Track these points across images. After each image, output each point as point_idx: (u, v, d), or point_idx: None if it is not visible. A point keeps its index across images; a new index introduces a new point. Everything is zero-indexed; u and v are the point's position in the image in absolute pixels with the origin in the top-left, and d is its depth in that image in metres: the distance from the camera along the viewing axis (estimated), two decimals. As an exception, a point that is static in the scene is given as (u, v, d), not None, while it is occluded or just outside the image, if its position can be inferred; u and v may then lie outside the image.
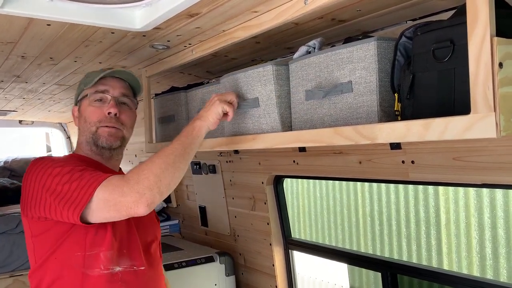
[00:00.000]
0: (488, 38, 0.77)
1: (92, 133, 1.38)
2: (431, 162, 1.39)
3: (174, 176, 1.21)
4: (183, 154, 1.24)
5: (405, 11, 1.23)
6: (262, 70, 1.33)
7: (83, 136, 1.41)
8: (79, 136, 1.43)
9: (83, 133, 1.41)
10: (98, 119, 1.37)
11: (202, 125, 1.31)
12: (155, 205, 1.16)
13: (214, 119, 1.32)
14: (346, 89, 1.12)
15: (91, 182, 1.16)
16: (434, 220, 3.66)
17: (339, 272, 4.52)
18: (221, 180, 2.48)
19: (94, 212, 1.16)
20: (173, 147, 1.24)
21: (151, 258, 1.42)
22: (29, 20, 1.29)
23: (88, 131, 1.39)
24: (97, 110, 1.38)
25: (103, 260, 1.26)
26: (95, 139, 1.38)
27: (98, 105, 1.38)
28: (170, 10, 1.24)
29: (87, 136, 1.39)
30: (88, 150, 1.41)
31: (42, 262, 1.27)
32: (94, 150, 1.40)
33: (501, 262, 3.24)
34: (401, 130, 0.93)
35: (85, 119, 1.39)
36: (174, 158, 1.21)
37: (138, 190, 1.13)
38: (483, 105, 0.79)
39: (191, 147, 1.28)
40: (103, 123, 1.37)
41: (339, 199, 4.55)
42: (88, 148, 1.41)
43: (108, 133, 1.37)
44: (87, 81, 1.42)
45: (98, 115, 1.37)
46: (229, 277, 2.36)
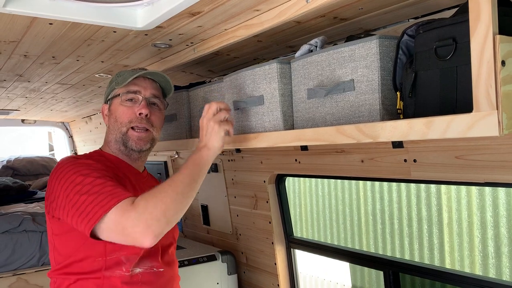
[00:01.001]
0: (491, 36, 0.77)
1: (122, 134, 1.39)
2: (433, 161, 1.39)
3: (182, 206, 1.20)
4: (191, 183, 1.23)
5: (407, 9, 1.23)
6: (268, 68, 1.33)
7: (112, 134, 1.42)
8: (108, 134, 1.44)
9: (112, 131, 1.42)
10: (129, 119, 1.38)
11: (209, 154, 1.30)
12: (162, 235, 1.14)
13: (220, 143, 1.31)
14: (348, 87, 1.12)
15: (108, 200, 1.14)
16: (436, 219, 3.65)
17: (341, 271, 4.52)
18: (223, 179, 2.48)
19: (104, 231, 1.15)
20: (182, 176, 1.22)
21: (169, 260, 1.44)
22: (31, 19, 1.29)
23: (118, 131, 1.39)
24: (128, 110, 1.39)
25: (124, 263, 1.27)
26: (125, 140, 1.39)
27: (129, 105, 1.39)
28: (172, 9, 1.24)
29: (116, 135, 1.40)
30: (116, 149, 1.42)
31: (64, 265, 1.28)
32: (123, 150, 1.41)
33: (503, 260, 3.23)
34: (403, 129, 0.93)
35: (116, 118, 1.40)
36: (183, 187, 1.20)
37: (145, 219, 1.11)
38: (485, 103, 0.78)
39: (199, 176, 1.26)
40: (133, 123, 1.38)
41: (341, 198, 4.55)
42: (116, 147, 1.42)
43: (138, 137, 1.39)
44: (119, 80, 1.42)
45: (129, 115, 1.38)
46: (231, 275, 2.36)
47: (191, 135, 1.81)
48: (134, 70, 1.46)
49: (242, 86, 1.44)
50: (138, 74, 1.40)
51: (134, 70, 1.46)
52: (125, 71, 1.47)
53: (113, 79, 1.49)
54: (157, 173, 3.15)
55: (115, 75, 1.48)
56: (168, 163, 3.04)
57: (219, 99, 1.63)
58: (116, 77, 1.47)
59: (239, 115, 1.47)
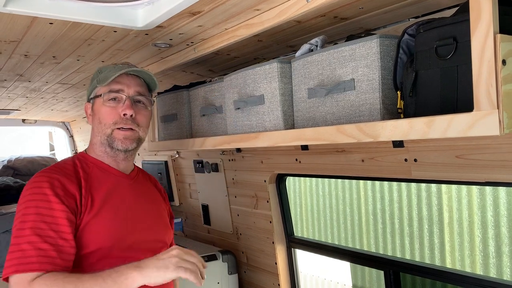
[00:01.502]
0: (492, 35, 0.77)
1: (107, 135, 1.33)
2: (434, 160, 1.38)
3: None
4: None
5: (407, 8, 1.23)
6: (268, 67, 1.33)
7: (97, 136, 1.36)
8: (93, 136, 1.39)
9: (97, 133, 1.36)
10: (113, 121, 1.32)
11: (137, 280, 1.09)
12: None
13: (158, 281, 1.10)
14: (349, 87, 1.12)
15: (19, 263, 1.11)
16: (437, 219, 3.65)
17: (342, 270, 4.52)
18: (224, 179, 2.48)
19: None
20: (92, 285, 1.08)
21: None
22: (31, 19, 1.29)
23: (103, 133, 1.34)
24: (112, 111, 1.32)
25: None
26: (110, 141, 1.34)
27: (112, 105, 1.33)
28: (172, 9, 1.24)
29: (101, 137, 1.35)
30: (101, 151, 1.37)
31: None
32: (109, 152, 1.36)
33: (504, 260, 3.23)
34: (404, 128, 0.93)
35: (100, 120, 1.34)
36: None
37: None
38: (486, 102, 0.78)
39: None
40: (118, 124, 1.32)
41: (341, 197, 4.55)
42: (102, 150, 1.37)
43: (124, 136, 1.33)
44: (100, 78, 1.35)
45: (113, 116, 1.32)
46: (232, 275, 2.36)
47: (191, 135, 1.81)
48: (116, 65, 1.39)
49: (242, 86, 1.44)
50: (120, 73, 1.32)
51: (116, 65, 1.39)
52: (107, 66, 1.40)
53: (94, 75, 1.41)
54: (158, 172, 3.15)
55: (96, 71, 1.41)
56: (169, 163, 3.04)
57: (219, 98, 1.63)
58: (97, 73, 1.39)
59: (240, 115, 1.47)
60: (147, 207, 1.42)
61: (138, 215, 1.37)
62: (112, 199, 1.32)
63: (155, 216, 1.44)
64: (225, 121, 1.60)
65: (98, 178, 1.34)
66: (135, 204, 1.38)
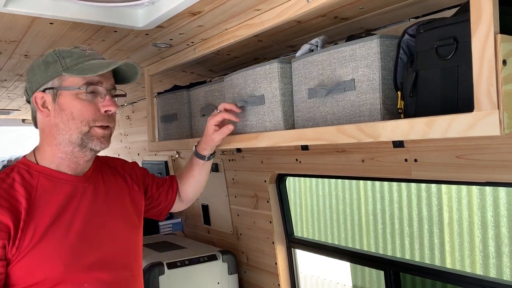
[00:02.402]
0: (492, 35, 0.77)
1: (83, 134, 1.14)
2: (434, 160, 1.38)
3: None
4: None
5: (408, 8, 1.23)
6: (269, 68, 1.33)
7: (64, 135, 1.14)
8: (56, 134, 1.15)
9: (65, 132, 1.14)
10: (92, 117, 1.14)
11: None
12: None
13: None
14: (349, 87, 1.12)
15: None
16: (437, 219, 3.65)
17: (342, 271, 4.52)
18: (224, 179, 2.48)
19: None
20: None
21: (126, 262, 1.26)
22: (32, 19, 1.29)
23: (77, 131, 1.14)
24: (90, 106, 1.14)
25: None
26: (86, 140, 1.15)
27: (89, 99, 1.14)
28: (172, 9, 1.24)
29: (72, 136, 1.14)
30: (62, 152, 1.16)
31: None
32: (75, 152, 1.17)
33: (504, 260, 3.23)
34: (404, 128, 0.93)
35: (73, 115, 1.13)
36: None
37: None
38: (486, 102, 0.78)
39: None
40: (98, 122, 1.15)
41: (341, 197, 4.55)
42: (64, 151, 1.16)
43: (103, 134, 1.17)
44: (68, 64, 1.13)
45: (93, 112, 1.14)
46: (232, 275, 2.36)
47: (191, 135, 1.81)
48: (79, 48, 1.18)
49: (243, 86, 1.44)
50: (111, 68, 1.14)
51: (79, 48, 1.18)
52: (69, 51, 1.16)
53: (51, 59, 1.15)
54: (158, 172, 3.15)
55: (55, 54, 1.15)
56: (169, 163, 3.04)
57: (219, 98, 1.63)
58: (57, 57, 1.14)
59: (240, 115, 1.47)
60: (108, 212, 1.24)
61: (97, 226, 1.20)
62: (65, 214, 1.14)
63: (119, 220, 1.27)
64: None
65: (46, 192, 1.14)
66: (94, 212, 1.20)
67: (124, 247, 1.27)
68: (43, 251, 1.08)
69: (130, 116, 3.32)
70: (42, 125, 1.19)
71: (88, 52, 1.18)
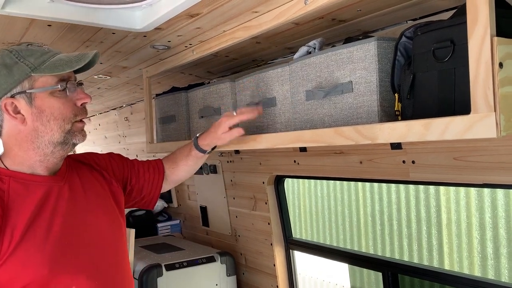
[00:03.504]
0: (488, 38, 0.77)
1: (66, 132, 1.12)
2: (431, 162, 1.39)
3: None
4: None
5: (405, 11, 1.23)
6: (281, 71, 1.35)
7: (42, 137, 1.10)
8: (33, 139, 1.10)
9: (44, 134, 1.10)
10: (73, 113, 1.12)
11: None
12: None
13: None
14: (347, 89, 1.12)
15: None
16: (435, 220, 3.66)
17: (340, 272, 4.52)
18: (222, 180, 2.48)
19: None
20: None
21: None
22: (30, 21, 1.30)
23: (61, 129, 1.11)
24: (68, 103, 1.11)
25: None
26: (68, 137, 1.12)
27: (63, 96, 1.11)
28: (170, 11, 1.25)
29: (54, 136, 1.11)
30: (40, 155, 1.12)
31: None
32: (56, 151, 1.13)
33: (502, 262, 3.24)
34: (402, 130, 0.93)
35: (54, 115, 1.09)
36: None
37: None
38: (483, 105, 0.79)
39: None
40: (79, 116, 1.14)
41: (340, 199, 4.55)
42: (42, 153, 1.12)
43: (83, 127, 1.16)
44: (35, 63, 1.07)
45: (72, 108, 1.12)
46: (230, 277, 2.36)
47: (190, 137, 1.81)
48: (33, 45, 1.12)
49: (255, 88, 1.45)
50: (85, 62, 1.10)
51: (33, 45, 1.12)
52: (28, 49, 1.10)
53: (10, 60, 1.07)
54: (156, 174, 3.15)
55: (11, 55, 1.08)
56: (167, 165, 3.04)
57: (218, 100, 1.63)
58: (18, 58, 1.07)
59: None
60: (89, 209, 1.20)
61: (78, 226, 1.16)
62: (42, 216, 1.09)
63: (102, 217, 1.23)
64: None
65: (19, 196, 1.09)
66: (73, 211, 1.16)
67: (111, 244, 1.23)
68: (23, 255, 1.04)
69: (129, 118, 3.32)
70: (12, 132, 1.11)
71: (46, 48, 1.12)
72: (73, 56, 1.11)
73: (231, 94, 1.57)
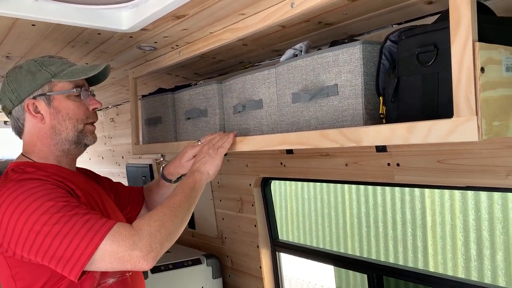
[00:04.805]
0: (470, 43, 0.78)
1: (79, 131, 1.28)
2: (416, 165, 1.40)
3: (180, 229, 1.19)
4: (188, 207, 1.24)
5: (390, 15, 1.25)
6: (267, 73, 1.35)
7: (59, 135, 1.26)
8: (52, 135, 1.26)
9: (61, 131, 1.26)
10: (85, 115, 1.29)
11: (202, 179, 1.32)
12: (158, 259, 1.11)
13: (214, 172, 1.36)
14: (332, 92, 1.13)
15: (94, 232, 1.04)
16: (420, 222, 3.70)
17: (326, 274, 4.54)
18: (209, 182, 2.47)
19: (93, 264, 1.05)
20: (179, 200, 1.22)
21: None
22: (13, 20, 1.28)
23: (74, 129, 1.27)
24: (81, 106, 1.29)
25: (96, 278, 1.19)
26: (81, 137, 1.29)
27: (79, 100, 1.29)
28: (157, 12, 1.24)
29: (69, 134, 1.26)
30: (59, 151, 1.27)
31: None
32: (71, 149, 1.29)
33: (485, 263, 3.28)
34: (386, 133, 0.94)
35: (69, 115, 1.26)
36: (182, 211, 1.20)
37: (150, 243, 1.07)
38: (465, 109, 0.80)
39: (194, 200, 1.27)
40: (90, 119, 1.32)
41: (326, 201, 4.57)
42: (61, 149, 1.27)
43: (93, 130, 1.33)
44: (54, 71, 1.25)
45: (84, 111, 1.29)
46: (216, 279, 2.35)
47: (176, 138, 1.80)
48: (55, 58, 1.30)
49: (241, 91, 1.45)
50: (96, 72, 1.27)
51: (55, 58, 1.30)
52: (50, 59, 1.29)
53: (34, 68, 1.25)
54: (142, 176, 3.12)
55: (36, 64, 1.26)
56: (153, 166, 3.02)
57: (204, 102, 1.62)
58: (41, 66, 1.25)
59: (238, 119, 1.48)
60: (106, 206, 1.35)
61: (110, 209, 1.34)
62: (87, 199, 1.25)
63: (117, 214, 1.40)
64: (209, 125, 1.60)
65: (67, 179, 1.23)
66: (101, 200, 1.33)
67: None
68: None
69: (114, 119, 3.30)
70: (34, 129, 1.27)
71: (65, 60, 1.32)
72: (87, 67, 1.29)
73: (218, 95, 1.57)
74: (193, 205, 1.27)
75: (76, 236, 1.04)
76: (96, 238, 1.04)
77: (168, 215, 1.15)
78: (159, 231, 1.10)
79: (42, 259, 1.06)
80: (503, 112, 0.82)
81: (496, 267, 3.22)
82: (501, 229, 3.20)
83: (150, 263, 1.07)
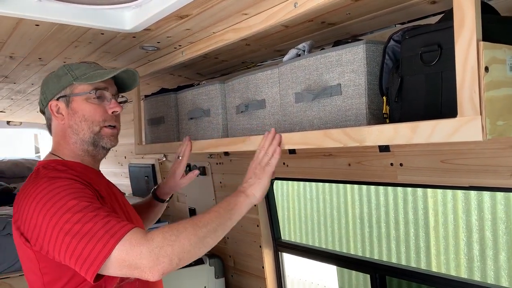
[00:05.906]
0: (475, 42, 0.78)
1: (95, 133, 1.30)
2: (419, 165, 1.40)
3: (199, 252, 1.11)
4: (216, 229, 1.14)
5: (394, 14, 1.24)
6: (270, 73, 1.35)
7: (77, 135, 1.30)
8: (71, 135, 1.30)
9: (78, 132, 1.30)
10: (102, 118, 1.30)
11: (246, 202, 1.23)
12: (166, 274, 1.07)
13: (261, 194, 1.26)
14: (335, 92, 1.13)
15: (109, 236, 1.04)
16: (423, 222, 3.68)
17: (329, 274, 4.54)
18: (211, 182, 2.48)
19: (104, 269, 1.05)
20: (208, 219, 1.13)
21: None
22: (17, 20, 1.28)
23: (89, 130, 1.30)
24: (99, 108, 1.30)
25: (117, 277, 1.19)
26: (97, 139, 1.31)
27: (97, 103, 1.30)
28: (160, 12, 1.24)
29: (85, 135, 1.30)
30: (80, 150, 1.31)
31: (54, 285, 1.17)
32: (90, 150, 1.32)
33: (488, 263, 3.27)
34: (389, 133, 0.94)
35: (85, 117, 1.29)
36: (205, 231, 1.11)
37: (157, 255, 1.03)
38: (469, 108, 0.80)
39: (226, 223, 1.17)
40: (108, 122, 1.32)
41: (329, 201, 4.56)
42: (81, 149, 1.31)
43: (111, 133, 1.33)
44: (77, 75, 1.30)
45: (102, 113, 1.30)
46: (219, 279, 2.36)
47: (179, 138, 1.81)
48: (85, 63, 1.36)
49: (244, 90, 1.45)
50: (116, 73, 1.30)
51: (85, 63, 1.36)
52: (77, 64, 1.35)
53: (61, 73, 1.32)
54: (145, 176, 3.13)
55: (64, 68, 1.33)
56: (156, 166, 3.02)
57: (207, 102, 1.62)
58: (67, 71, 1.32)
59: (241, 119, 1.48)
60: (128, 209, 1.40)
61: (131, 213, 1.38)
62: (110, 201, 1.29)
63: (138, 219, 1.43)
64: (212, 124, 1.60)
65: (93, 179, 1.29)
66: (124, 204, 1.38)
67: None
68: None
69: (117, 119, 3.30)
70: (57, 128, 1.34)
71: (93, 65, 1.36)
72: (108, 70, 1.33)
73: (221, 95, 1.57)
74: (225, 228, 1.17)
75: (94, 237, 1.04)
76: (112, 241, 1.03)
77: (187, 232, 1.08)
78: (171, 246, 1.05)
79: (63, 257, 1.07)
80: (507, 111, 0.82)
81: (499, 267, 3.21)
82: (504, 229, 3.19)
83: (156, 276, 1.04)
